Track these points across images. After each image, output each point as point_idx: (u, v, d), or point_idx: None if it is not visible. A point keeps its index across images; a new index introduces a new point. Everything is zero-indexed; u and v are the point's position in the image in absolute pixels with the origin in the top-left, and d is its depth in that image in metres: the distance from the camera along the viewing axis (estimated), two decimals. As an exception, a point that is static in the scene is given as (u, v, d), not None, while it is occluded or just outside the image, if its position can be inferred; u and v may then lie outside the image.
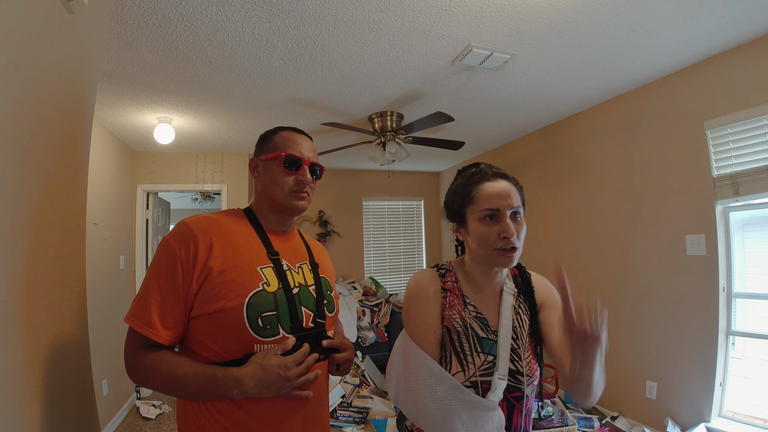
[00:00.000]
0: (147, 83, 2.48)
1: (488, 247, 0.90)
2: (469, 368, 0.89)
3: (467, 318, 0.93)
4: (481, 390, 0.87)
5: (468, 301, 0.96)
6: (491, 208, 0.90)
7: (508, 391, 0.89)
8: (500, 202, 0.90)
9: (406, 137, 3.31)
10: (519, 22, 1.97)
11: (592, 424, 2.84)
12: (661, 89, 2.70)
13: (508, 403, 0.90)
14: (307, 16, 1.86)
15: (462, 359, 0.90)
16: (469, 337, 0.91)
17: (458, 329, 0.93)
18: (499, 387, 0.87)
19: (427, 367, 0.89)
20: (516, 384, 0.90)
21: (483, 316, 0.95)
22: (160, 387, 0.84)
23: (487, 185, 0.92)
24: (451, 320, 0.93)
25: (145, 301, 0.84)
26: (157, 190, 4.14)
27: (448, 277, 0.99)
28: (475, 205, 0.92)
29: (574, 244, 3.43)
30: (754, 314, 2.31)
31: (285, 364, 0.83)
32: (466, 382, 0.88)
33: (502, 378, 0.88)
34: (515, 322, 0.95)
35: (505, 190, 0.91)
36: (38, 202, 0.92)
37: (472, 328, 0.92)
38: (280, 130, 1.04)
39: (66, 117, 1.07)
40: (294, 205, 0.99)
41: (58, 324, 1.00)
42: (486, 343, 0.91)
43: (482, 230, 0.90)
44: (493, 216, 0.90)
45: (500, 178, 0.94)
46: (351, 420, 3.11)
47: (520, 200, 0.93)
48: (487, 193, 0.91)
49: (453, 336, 0.92)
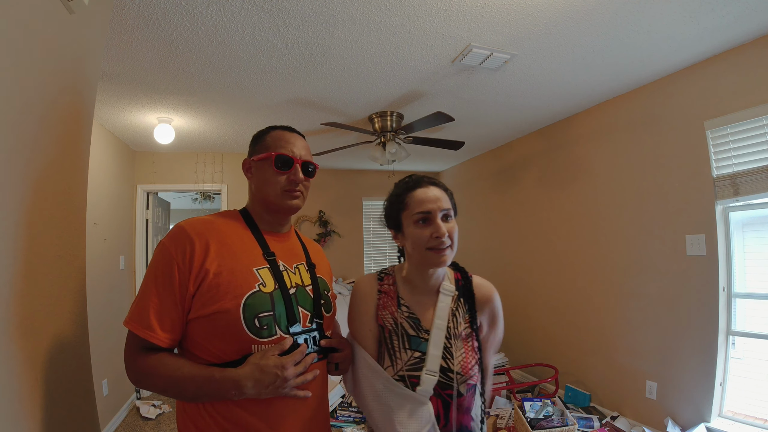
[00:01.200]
0: (147, 83, 2.48)
1: (422, 248, 0.98)
2: (397, 363, 0.97)
3: (399, 318, 1.02)
4: (410, 384, 0.95)
5: (402, 302, 1.04)
6: (423, 211, 0.98)
7: (441, 387, 0.96)
8: (431, 206, 0.98)
9: (406, 137, 3.31)
10: (519, 22, 1.97)
11: (592, 424, 2.84)
12: (661, 89, 2.70)
13: (443, 400, 0.96)
14: (307, 16, 1.86)
15: (392, 354, 0.99)
16: (399, 335, 1.00)
17: (389, 327, 1.01)
18: (427, 382, 0.94)
19: (366, 361, 1.00)
20: (447, 381, 0.96)
21: (416, 316, 1.02)
22: (160, 389, 0.84)
23: (419, 191, 1.01)
24: (384, 319, 1.03)
25: (144, 305, 0.84)
26: (157, 190, 4.14)
27: (386, 281, 1.08)
28: (409, 210, 1.01)
29: (573, 244, 3.43)
30: (754, 314, 2.31)
31: (282, 365, 0.83)
32: (395, 375, 0.96)
33: (430, 374, 0.95)
34: (450, 323, 1.01)
35: (435, 195, 1.00)
36: (38, 202, 0.92)
37: (403, 326, 1.01)
38: (271, 130, 1.03)
39: (66, 117, 1.07)
40: (287, 204, 0.99)
41: (57, 324, 1.00)
42: (415, 341, 0.99)
43: (416, 233, 0.99)
44: (425, 219, 0.98)
45: (431, 185, 1.03)
46: (351, 420, 3.11)
47: (450, 204, 1.01)
48: (419, 198, 1.00)
49: (385, 334, 1.01)
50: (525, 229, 4.08)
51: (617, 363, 2.97)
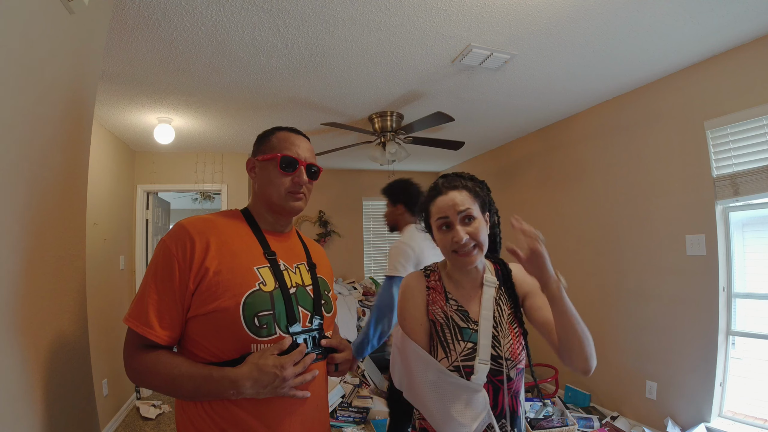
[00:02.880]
0: (147, 83, 2.48)
1: (448, 252, 1.04)
2: (452, 354, 1.00)
3: (449, 311, 1.05)
4: (465, 374, 0.98)
5: (450, 296, 1.08)
6: (441, 217, 1.04)
7: (492, 374, 0.99)
8: (447, 211, 1.03)
9: (406, 137, 3.31)
10: (519, 22, 1.97)
11: (592, 424, 2.84)
12: (661, 89, 2.70)
13: (494, 386, 1.00)
14: (307, 16, 1.86)
15: (445, 347, 1.02)
16: (451, 328, 1.03)
17: (441, 321, 1.04)
18: (480, 371, 0.97)
19: (418, 354, 1.02)
20: (498, 367, 1.00)
21: (464, 308, 1.06)
22: (158, 387, 0.84)
23: (438, 200, 1.06)
24: (434, 314, 1.06)
25: (143, 302, 0.84)
26: (157, 190, 4.14)
27: (432, 277, 1.12)
28: (432, 218, 1.08)
29: (573, 244, 3.43)
30: (754, 314, 2.30)
31: (281, 365, 0.82)
32: (450, 366, 0.99)
33: (483, 363, 0.98)
34: (495, 312, 1.05)
35: (451, 199, 1.04)
36: (38, 202, 0.92)
37: (453, 319, 1.04)
38: (277, 131, 1.04)
39: (66, 117, 1.07)
40: (290, 206, 0.99)
41: (58, 324, 1.00)
42: (466, 332, 1.02)
43: (441, 238, 1.05)
44: (447, 225, 1.03)
45: (450, 190, 1.06)
46: (351, 420, 3.11)
47: (470, 203, 1.04)
48: (438, 206, 1.06)
49: (437, 327, 1.04)
50: (525, 229, 4.08)
51: (617, 363, 2.97)
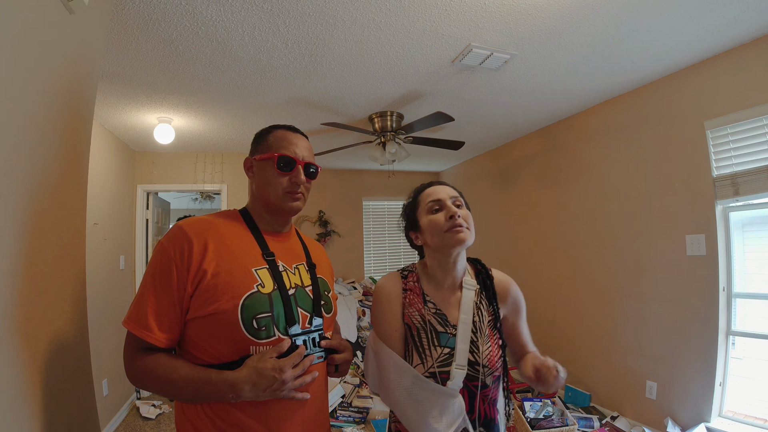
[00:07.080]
0: (147, 83, 2.48)
1: (440, 231, 1.02)
2: (428, 361, 0.98)
3: (426, 315, 1.03)
4: (440, 379, 0.96)
5: (428, 298, 1.06)
6: (434, 199, 1.06)
7: (468, 380, 0.98)
8: (440, 195, 1.06)
9: (406, 137, 3.31)
10: (519, 23, 1.97)
11: (592, 424, 2.84)
12: (661, 89, 2.70)
13: (469, 391, 0.99)
14: (307, 16, 1.86)
15: (421, 352, 1.00)
16: (428, 332, 1.01)
17: (417, 325, 1.02)
18: (457, 376, 0.96)
19: (393, 360, 1.00)
20: (474, 374, 0.99)
21: (442, 312, 1.04)
22: (158, 390, 0.84)
23: (428, 189, 1.10)
24: (411, 317, 1.04)
25: (142, 305, 0.84)
26: (157, 190, 4.14)
27: (410, 278, 1.09)
28: (422, 205, 1.09)
29: (573, 244, 3.43)
30: (754, 314, 2.30)
31: (280, 367, 0.82)
32: (425, 372, 0.98)
33: (459, 368, 0.97)
34: (475, 317, 1.03)
35: (443, 188, 1.08)
36: (38, 202, 0.92)
37: (431, 323, 1.02)
38: (274, 129, 1.02)
39: (66, 117, 1.07)
40: (288, 206, 0.98)
41: (57, 324, 1.00)
42: (443, 337, 1.01)
43: (432, 219, 1.04)
44: (438, 207, 1.05)
45: (439, 184, 1.11)
46: (351, 420, 3.11)
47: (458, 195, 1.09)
48: (428, 192, 1.09)
49: (413, 332, 1.02)
50: (525, 229, 4.08)
51: (617, 363, 2.97)
